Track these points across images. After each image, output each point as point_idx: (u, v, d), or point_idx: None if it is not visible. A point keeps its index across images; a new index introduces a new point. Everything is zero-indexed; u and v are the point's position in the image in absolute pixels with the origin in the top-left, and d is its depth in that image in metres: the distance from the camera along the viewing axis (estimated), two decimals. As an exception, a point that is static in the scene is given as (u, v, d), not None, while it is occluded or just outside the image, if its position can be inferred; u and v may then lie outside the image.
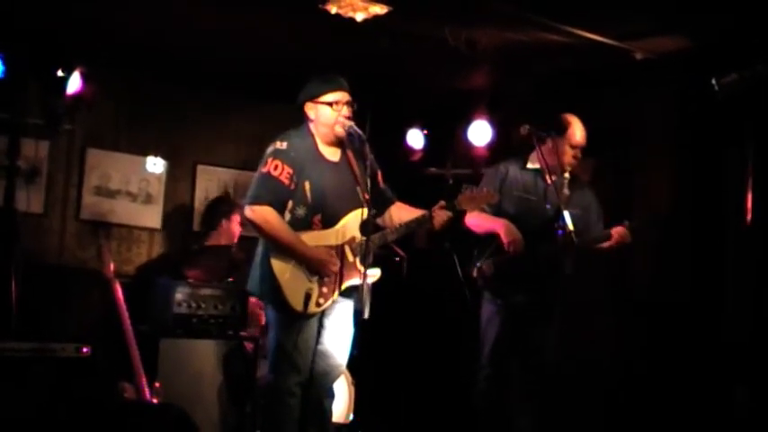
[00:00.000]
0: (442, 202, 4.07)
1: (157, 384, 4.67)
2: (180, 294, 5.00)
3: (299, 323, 3.91)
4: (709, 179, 5.00)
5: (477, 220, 4.65)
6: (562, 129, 4.59)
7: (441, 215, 4.03)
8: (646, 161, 5.37)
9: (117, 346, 4.69)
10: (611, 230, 4.56)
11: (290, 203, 3.94)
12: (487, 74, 5.70)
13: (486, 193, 4.20)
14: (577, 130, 4.59)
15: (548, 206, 4.62)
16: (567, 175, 4.57)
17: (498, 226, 4.53)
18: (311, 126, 4.08)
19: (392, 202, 4.26)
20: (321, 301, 3.92)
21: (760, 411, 4.40)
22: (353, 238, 4.02)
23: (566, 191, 4.56)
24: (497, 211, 4.64)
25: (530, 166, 4.73)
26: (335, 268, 3.92)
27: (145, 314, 5.07)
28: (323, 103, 4.02)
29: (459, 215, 4.35)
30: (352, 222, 4.02)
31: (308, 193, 3.95)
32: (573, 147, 4.59)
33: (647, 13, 4.54)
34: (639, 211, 4.77)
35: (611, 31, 4.79)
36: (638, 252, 5.25)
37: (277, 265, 3.89)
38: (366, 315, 3.88)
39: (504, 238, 4.49)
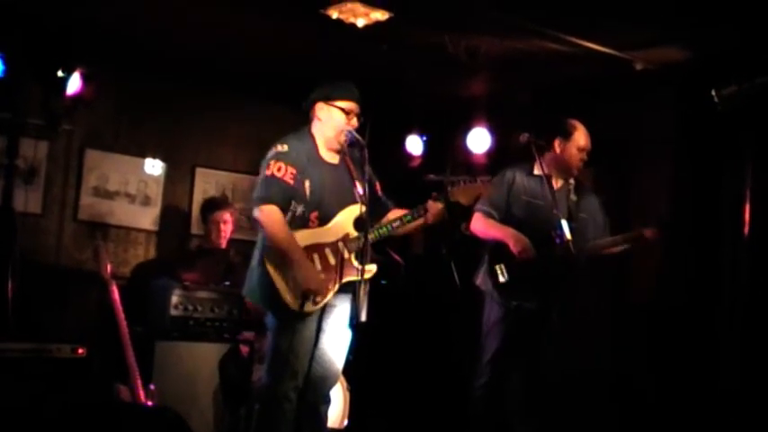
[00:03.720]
0: (435, 194, 4.07)
1: (152, 386, 4.67)
2: (176, 297, 5.00)
3: (296, 324, 3.91)
4: (707, 190, 5.01)
5: (483, 227, 4.64)
6: (568, 133, 4.62)
7: (434, 207, 4.02)
8: (644, 171, 5.38)
9: (113, 348, 4.68)
10: (642, 230, 4.51)
11: (292, 202, 3.96)
12: (487, 82, 5.72)
13: (479, 186, 4.17)
14: (583, 134, 4.63)
15: (555, 211, 4.62)
16: (572, 180, 4.63)
17: (506, 235, 4.52)
18: (314, 127, 4.09)
19: (389, 209, 4.26)
20: (318, 299, 3.92)
21: (758, 416, 4.42)
22: (347, 235, 4.02)
23: (573, 196, 4.61)
24: (506, 217, 4.63)
25: (536, 172, 4.73)
26: (317, 292, 3.88)
27: (141, 316, 5.07)
28: (337, 107, 4.03)
29: (452, 209, 4.33)
30: (346, 219, 4.02)
31: (308, 191, 3.96)
32: (580, 150, 4.62)
33: (647, 24, 4.55)
34: (637, 222, 4.76)
35: (611, 40, 4.81)
36: (639, 260, 5.26)
37: (273, 266, 3.89)
38: (363, 318, 3.87)
39: (514, 248, 4.47)
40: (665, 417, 5.01)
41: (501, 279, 4.56)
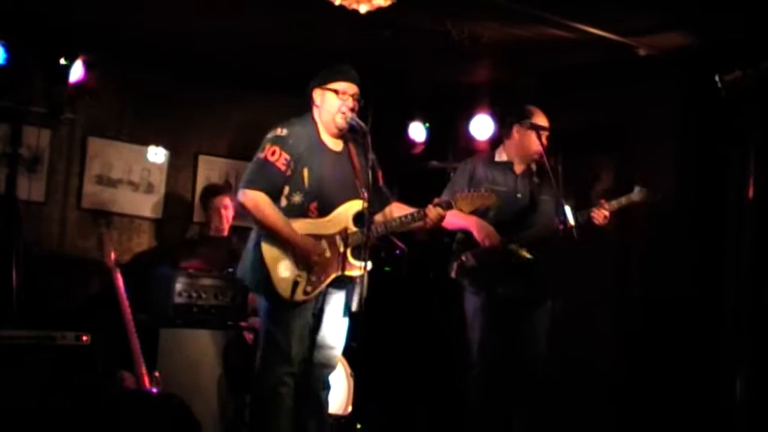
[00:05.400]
0: (437, 200, 4.07)
1: (157, 374, 4.68)
2: (180, 284, 5.00)
3: (288, 311, 3.91)
4: (710, 176, 5.00)
5: (448, 218, 4.66)
6: (526, 119, 4.63)
7: (433, 213, 4.01)
8: (647, 158, 5.37)
9: (117, 335, 4.69)
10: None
11: (287, 189, 3.95)
12: (490, 68, 5.70)
13: (483, 195, 4.18)
14: (540, 118, 4.66)
15: (518, 195, 4.67)
16: (533, 165, 4.70)
17: (469, 223, 4.56)
18: (315, 113, 4.09)
19: (389, 202, 4.24)
20: (309, 289, 3.91)
21: (760, 404, 4.42)
22: (345, 229, 4.01)
23: (535, 179, 4.69)
24: None
25: (497, 159, 4.79)
26: (318, 259, 3.91)
27: (145, 303, 5.08)
28: (329, 89, 4.02)
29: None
30: (346, 213, 4.02)
31: (306, 180, 3.95)
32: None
33: (651, 10, 4.54)
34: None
35: (615, 26, 4.79)
36: (639, 246, 5.25)
37: (268, 252, 3.88)
38: (355, 308, 3.86)
39: (478, 236, 4.52)
40: (665, 407, 5.01)
41: (468, 266, 4.59)
